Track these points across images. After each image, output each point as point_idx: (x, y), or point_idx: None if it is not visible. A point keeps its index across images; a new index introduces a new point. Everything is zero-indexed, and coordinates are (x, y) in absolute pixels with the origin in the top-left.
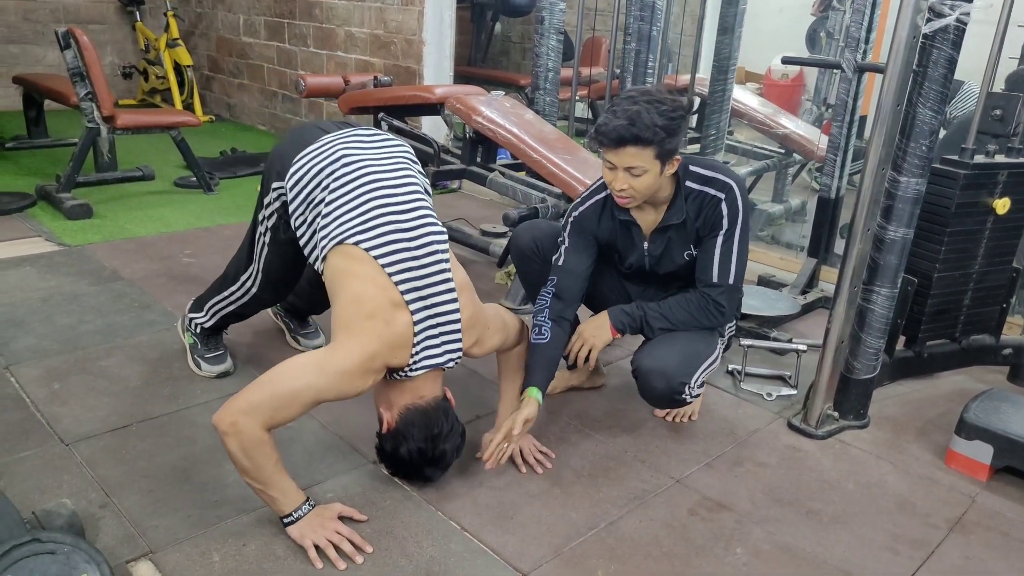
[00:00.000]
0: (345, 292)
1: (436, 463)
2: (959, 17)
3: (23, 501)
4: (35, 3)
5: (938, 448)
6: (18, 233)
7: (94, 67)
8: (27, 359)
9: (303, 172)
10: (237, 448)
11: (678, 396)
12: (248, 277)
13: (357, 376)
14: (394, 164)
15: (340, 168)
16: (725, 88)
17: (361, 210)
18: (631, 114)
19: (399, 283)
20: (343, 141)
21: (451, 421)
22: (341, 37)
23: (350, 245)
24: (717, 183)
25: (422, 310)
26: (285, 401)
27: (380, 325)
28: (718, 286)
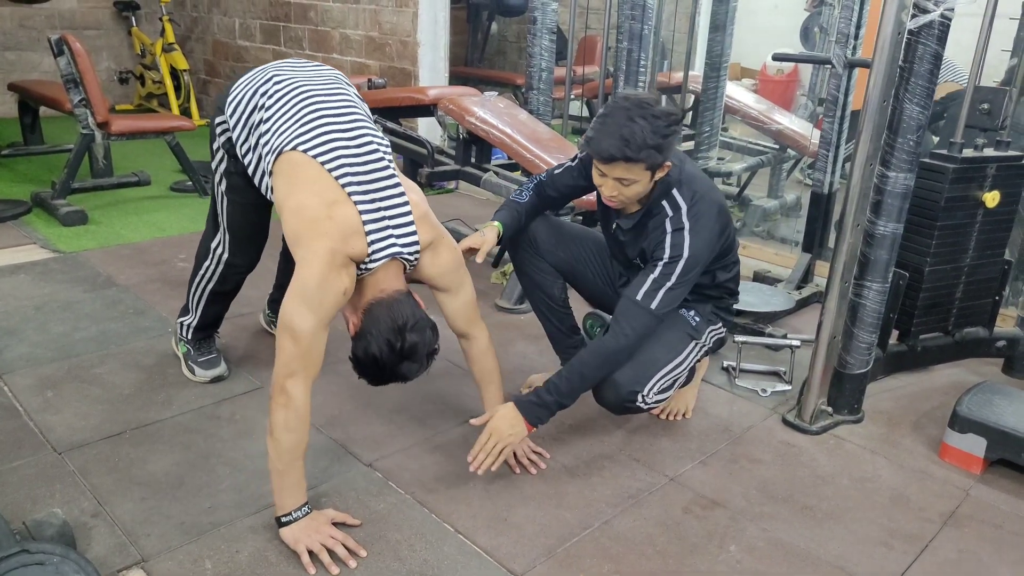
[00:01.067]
0: (287, 207)
1: (408, 356)
2: (943, 13)
3: (15, 511)
4: (31, 9)
5: (932, 442)
6: (13, 240)
7: (88, 73)
8: (20, 368)
9: (239, 98)
10: (282, 421)
11: (630, 405)
12: (217, 244)
13: (331, 277)
14: (325, 78)
15: (273, 86)
16: (718, 85)
17: (297, 117)
18: (624, 133)
19: (340, 178)
20: (272, 67)
21: (417, 313)
22: (336, 39)
23: (290, 152)
24: (677, 217)
25: (367, 202)
26: (306, 341)
27: (324, 223)
28: (639, 305)
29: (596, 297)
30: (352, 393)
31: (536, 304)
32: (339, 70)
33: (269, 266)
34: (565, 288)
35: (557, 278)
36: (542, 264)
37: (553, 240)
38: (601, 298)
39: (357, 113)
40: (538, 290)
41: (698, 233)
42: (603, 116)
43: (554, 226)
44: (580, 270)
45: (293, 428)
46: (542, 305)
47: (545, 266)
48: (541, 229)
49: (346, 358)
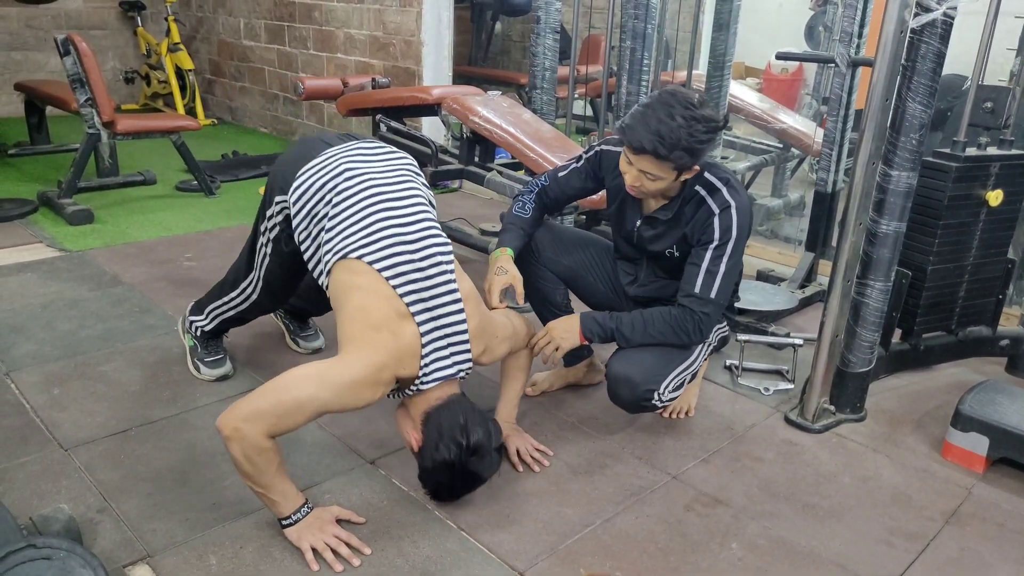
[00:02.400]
0: (349, 305)
1: (476, 451)
2: (946, 12)
3: (22, 507)
4: (37, 10)
5: (935, 440)
6: (20, 239)
7: (93, 73)
8: (27, 365)
9: (306, 187)
10: (239, 453)
11: (646, 403)
12: (248, 284)
13: (365, 387)
14: (397, 176)
15: (343, 182)
16: (722, 84)
17: (364, 223)
18: (662, 130)
19: (404, 295)
20: (346, 155)
21: (475, 409)
22: (340, 39)
23: (353, 259)
24: (719, 196)
25: (428, 321)
26: (289, 411)
27: (386, 336)
28: (699, 298)
29: (599, 302)
30: None
31: (539, 310)
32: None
33: None
34: (567, 294)
35: (559, 284)
36: (544, 272)
37: (555, 248)
38: (605, 303)
39: (423, 216)
40: (540, 297)
41: (742, 212)
42: (645, 106)
43: (556, 234)
44: (583, 276)
45: (253, 460)
46: (545, 311)
47: (547, 274)
48: (543, 238)
49: None
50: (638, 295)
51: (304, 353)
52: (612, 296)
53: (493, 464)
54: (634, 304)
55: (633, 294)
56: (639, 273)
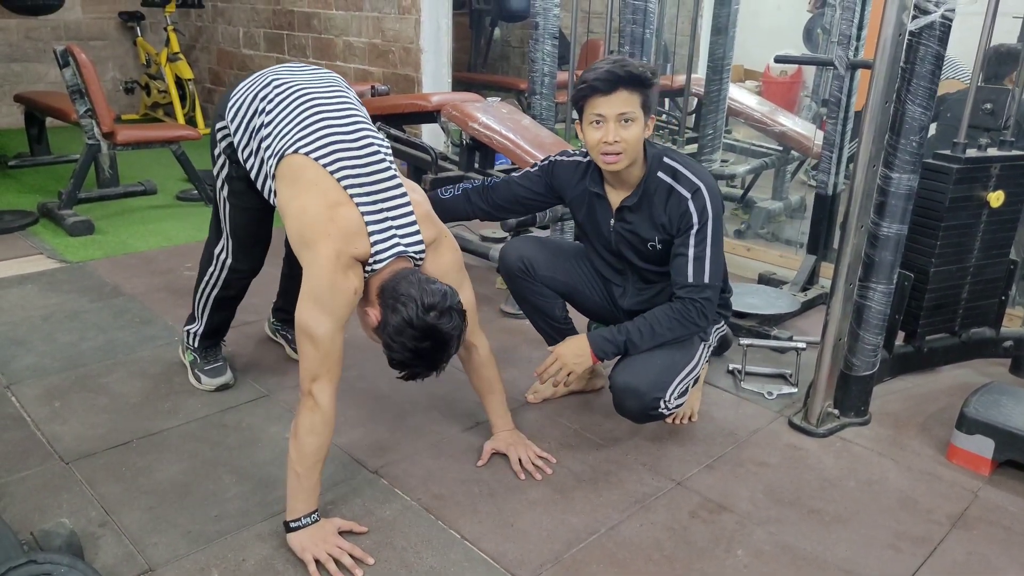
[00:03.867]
0: (290, 211)
1: (434, 308)
2: (944, 14)
3: (23, 521)
4: (36, 21)
5: (940, 443)
6: (20, 251)
7: (92, 84)
8: (28, 378)
9: (239, 103)
10: (308, 424)
11: (653, 412)
12: (220, 249)
13: (339, 278)
14: (325, 81)
15: (273, 90)
16: (720, 88)
17: (298, 121)
18: (618, 60)
19: (341, 179)
20: (272, 71)
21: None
22: (340, 47)
23: (292, 155)
24: (685, 181)
25: (369, 203)
26: (325, 345)
27: (326, 224)
28: (694, 286)
29: (597, 315)
30: (356, 400)
31: (538, 325)
32: (342, 77)
33: (273, 273)
34: (565, 307)
35: (556, 299)
36: (541, 288)
37: (550, 264)
38: (601, 314)
39: (357, 115)
40: (539, 313)
41: (712, 191)
42: (592, 66)
43: (548, 249)
44: (580, 290)
45: (319, 432)
46: (545, 326)
47: (544, 290)
48: (536, 254)
49: (349, 364)
50: (631, 307)
51: None
52: (609, 308)
53: (456, 324)
54: (629, 316)
55: (627, 307)
56: (627, 284)
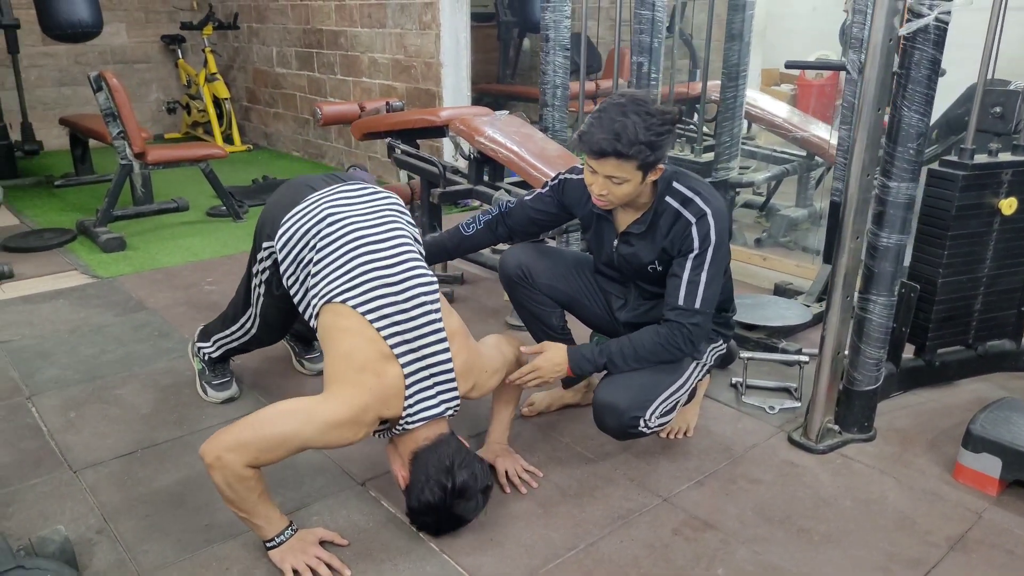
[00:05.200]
0: (336, 348)
1: (462, 494)
2: (938, 17)
3: (27, 527)
4: (84, 47)
5: (948, 461)
6: (56, 267)
7: (124, 107)
8: (49, 389)
9: (291, 233)
10: (221, 480)
11: (632, 431)
12: (247, 319)
13: (347, 427)
14: (380, 218)
15: (326, 228)
16: (736, 95)
17: (347, 268)
18: (617, 128)
19: (387, 336)
20: (329, 199)
21: (463, 450)
22: (365, 63)
23: (338, 303)
24: (693, 206)
25: (413, 362)
26: (272, 445)
27: (370, 378)
28: (684, 310)
29: (595, 324)
30: None
31: (535, 334)
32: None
33: None
34: (563, 316)
35: (554, 308)
36: (539, 296)
37: (548, 272)
38: (600, 325)
39: (407, 256)
40: (537, 321)
41: (718, 218)
42: (598, 112)
43: (548, 257)
44: (579, 300)
45: (234, 487)
46: (542, 334)
47: (542, 298)
48: (535, 262)
49: None
50: (629, 320)
51: (310, 375)
52: (608, 319)
53: (478, 506)
54: (627, 329)
55: (624, 319)
56: (628, 297)
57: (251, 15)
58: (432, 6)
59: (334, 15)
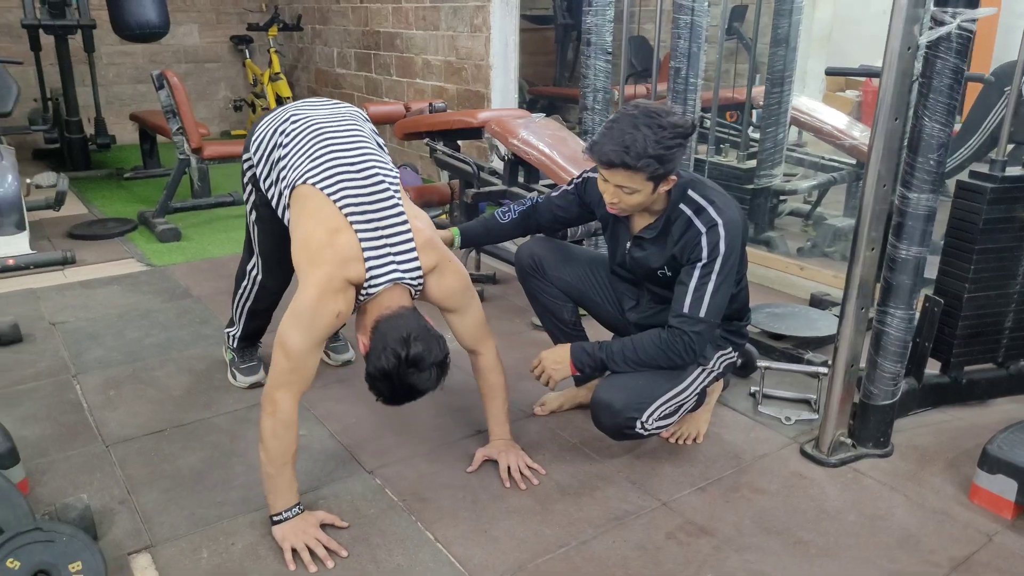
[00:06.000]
0: (295, 237)
1: (416, 364)
2: (961, 25)
3: (57, 494)
4: (159, 46)
5: (965, 482)
6: (115, 255)
7: (183, 105)
8: (93, 368)
9: (261, 137)
10: (269, 428)
11: (628, 431)
12: (252, 266)
13: (327, 301)
14: (340, 117)
15: (290, 125)
16: (781, 100)
17: (310, 154)
18: (627, 140)
19: (343, 208)
20: (293, 107)
21: (421, 324)
22: (419, 65)
23: (302, 185)
24: (705, 215)
25: (368, 231)
26: (296, 359)
27: (324, 249)
28: (688, 318)
29: (607, 322)
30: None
31: (548, 328)
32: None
33: None
34: (576, 311)
35: (567, 302)
36: (550, 288)
37: (559, 265)
38: (611, 323)
39: (365, 147)
40: (548, 314)
41: (730, 229)
42: (610, 122)
43: (561, 251)
44: (589, 295)
45: (279, 435)
46: (554, 328)
47: (554, 291)
48: (547, 254)
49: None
50: (639, 321)
51: (335, 365)
52: (619, 318)
53: (431, 379)
54: (638, 329)
55: (634, 320)
56: (640, 299)
57: (315, 17)
58: (483, 9)
59: (391, 17)
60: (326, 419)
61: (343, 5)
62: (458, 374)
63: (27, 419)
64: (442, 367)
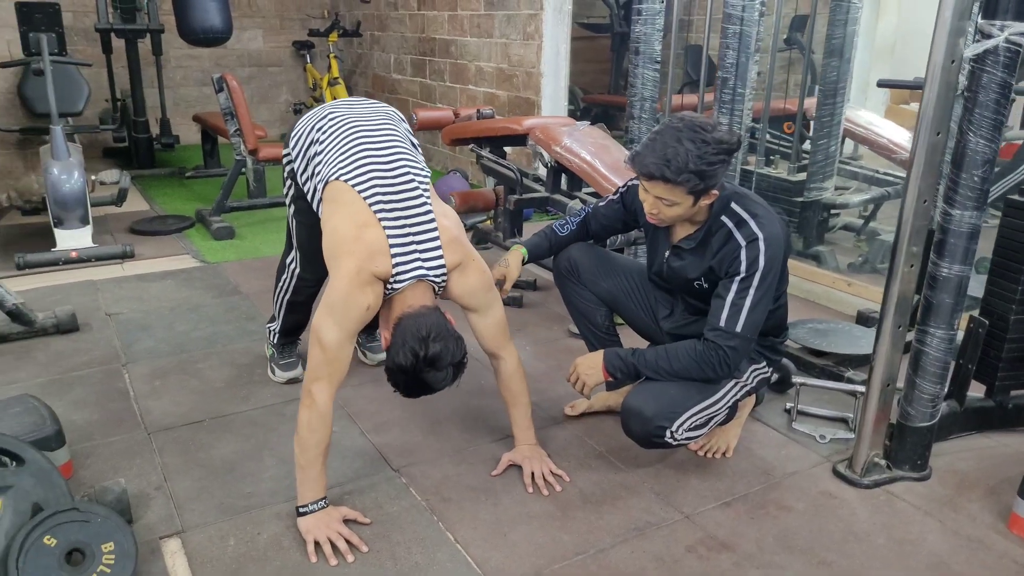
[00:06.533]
0: (326, 230)
1: (432, 363)
2: (1009, 39)
3: (97, 477)
4: (224, 50)
5: (1005, 510)
6: (172, 251)
7: (240, 107)
8: (142, 358)
9: (300, 133)
10: (306, 420)
11: (657, 440)
12: (291, 260)
13: (356, 294)
14: (378, 119)
15: (327, 123)
16: (834, 112)
17: (343, 150)
18: (669, 153)
19: (372, 204)
20: (331, 105)
21: (442, 323)
22: (472, 72)
23: (334, 181)
24: (746, 229)
25: (396, 226)
26: (331, 350)
27: (352, 243)
28: (724, 332)
29: (641, 330)
30: (403, 405)
31: (583, 332)
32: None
33: None
34: (609, 315)
35: (600, 306)
36: (585, 292)
37: (595, 270)
38: (645, 330)
39: (398, 145)
40: (582, 317)
41: (771, 244)
42: (655, 133)
43: (597, 256)
44: (623, 301)
45: (315, 428)
46: (587, 332)
47: (588, 294)
48: (583, 259)
49: None
50: (672, 331)
51: (371, 365)
52: (652, 326)
53: (447, 378)
54: (670, 339)
55: (668, 329)
56: (675, 308)
57: (374, 23)
58: (536, 17)
59: (447, 24)
60: (358, 417)
61: (401, 12)
62: (488, 376)
63: (77, 404)
64: (459, 367)
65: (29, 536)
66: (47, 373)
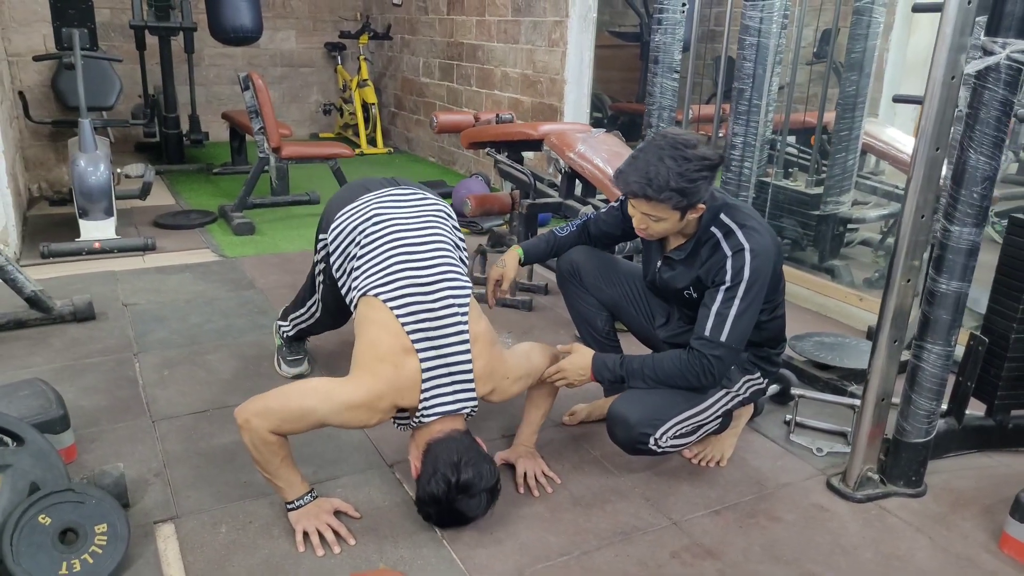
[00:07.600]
0: (363, 336)
1: (465, 490)
2: (1011, 56)
3: (100, 461)
4: (258, 50)
5: (999, 530)
6: (193, 244)
7: (265, 106)
8: (154, 349)
9: (341, 228)
10: (248, 441)
11: (641, 446)
12: (312, 304)
13: (362, 411)
14: (423, 222)
15: (370, 227)
16: (852, 127)
17: (383, 265)
18: (650, 172)
19: (410, 332)
20: (380, 200)
21: (473, 449)
22: (498, 77)
23: (371, 297)
24: (734, 240)
25: (432, 358)
26: (293, 416)
27: (388, 368)
28: (709, 341)
29: (640, 335)
30: None
31: (582, 334)
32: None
33: None
34: (610, 321)
35: (601, 311)
36: (587, 296)
37: (597, 274)
38: (645, 337)
39: (442, 260)
40: (583, 321)
41: (758, 255)
42: (638, 151)
43: (600, 260)
44: (624, 307)
45: (260, 448)
46: (588, 336)
47: (590, 299)
48: (586, 262)
49: None
50: (668, 339)
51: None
52: (649, 332)
53: (481, 505)
54: (667, 346)
55: (663, 337)
56: (671, 317)
57: (404, 27)
58: (561, 24)
59: (475, 29)
60: None
61: (431, 16)
62: None
63: (87, 390)
64: (493, 493)
65: (25, 514)
66: (61, 359)
